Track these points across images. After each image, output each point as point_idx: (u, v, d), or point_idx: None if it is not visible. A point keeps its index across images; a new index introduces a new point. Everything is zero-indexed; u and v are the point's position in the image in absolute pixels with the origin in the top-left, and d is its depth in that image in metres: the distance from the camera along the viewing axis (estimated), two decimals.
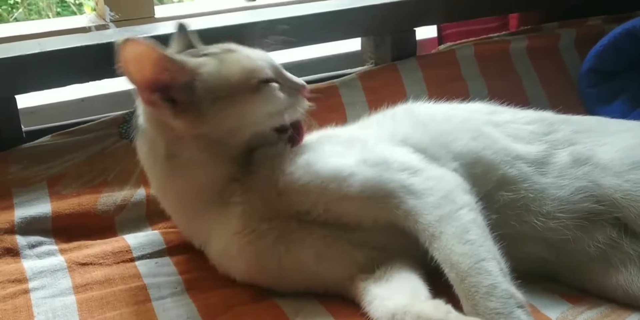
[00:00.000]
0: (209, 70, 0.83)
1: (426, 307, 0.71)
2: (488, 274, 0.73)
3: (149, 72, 0.79)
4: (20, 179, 1.02)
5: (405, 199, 0.80)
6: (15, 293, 0.85)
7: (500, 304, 0.71)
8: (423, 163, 0.86)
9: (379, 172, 0.82)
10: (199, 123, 0.82)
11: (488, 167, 0.90)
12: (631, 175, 0.86)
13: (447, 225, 0.77)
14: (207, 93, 0.81)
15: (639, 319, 0.81)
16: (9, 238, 0.94)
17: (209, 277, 0.91)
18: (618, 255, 0.85)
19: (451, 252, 0.75)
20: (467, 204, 0.80)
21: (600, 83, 1.43)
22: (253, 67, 0.85)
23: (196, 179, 0.86)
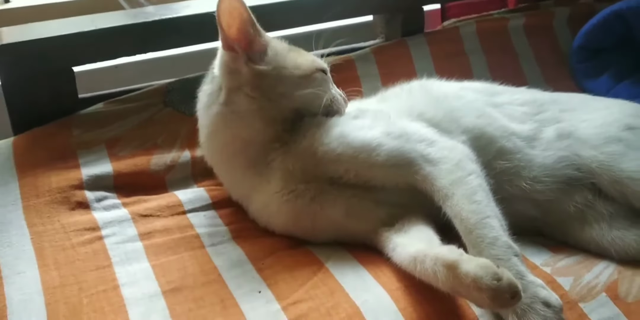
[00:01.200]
0: (282, 47, 1.02)
1: (442, 250, 0.82)
2: (492, 228, 0.86)
3: (237, 26, 0.95)
4: (82, 142, 1.16)
5: (423, 166, 0.94)
6: (92, 239, 1.00)
7: (502, 252, 0.83)
8: (437, 135, 1.00)
9: (401, 143, 0.96)
10: (263, 76, 0.98)
11: (490, 140, 1.04)
12: (605, 148, 1.01)
13: (458, 188, 0.90)
14: (275, 61, 0.99)
15: (607, 266, 0.96)
16: (79, 193, 1.08)
17: (250, 228, 1.05)
18: (593, 214, 1.00)
19: (461, 209, 0.88)
20: (475, 171, 0.94)
21: (589, 59, 1.57)
22: (315, 58, 1.05)
23: (243, 131, 1.00)
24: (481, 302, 0.77)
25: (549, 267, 0.95)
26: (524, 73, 1.54)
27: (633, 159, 1.00)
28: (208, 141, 1.05)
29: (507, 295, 0.73)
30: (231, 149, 1.02)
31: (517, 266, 0.83)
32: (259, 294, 0.90)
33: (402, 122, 1.02)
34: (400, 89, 1.16)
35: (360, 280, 0.91)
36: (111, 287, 0.91)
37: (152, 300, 0.89)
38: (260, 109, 0.99)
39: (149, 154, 1.19)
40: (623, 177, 0.98)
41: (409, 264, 0.86)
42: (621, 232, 0.98)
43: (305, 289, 0.90)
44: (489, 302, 0.75)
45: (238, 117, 0.99)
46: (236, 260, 0.98)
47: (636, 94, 1.47)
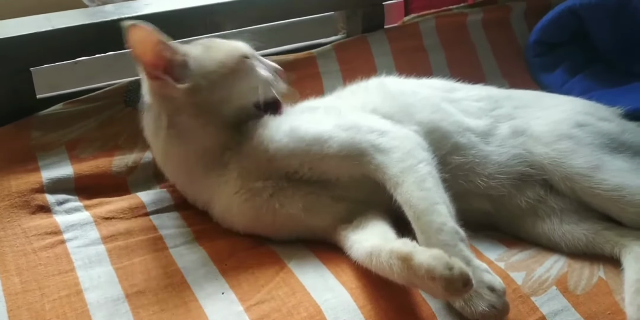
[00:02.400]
0: (199, 52, 1.02)
1: (396, 244, 0.84)
2: (439, 214, 0.88)
3: (151, 52, 0.96)
4: (41, 144, 1.16)
5: (375, 156, 0.95)
6: (54, 243, 1.00)
7: (449, 237, 0.86)
8: (389, 125, 1.02)
9: (352, 134, 0.97)
10: (194, 92, 0.99)
11: (444, 135, 1.06)
12: (556, 145, 1.04)
13: (408, 175, 0.92)
14: (199, 69, 0.99)
15: (557, 259, 0.99)
16: (40, 196, 1.08)
17: (213, 229, 1.06)
18: (544, 209, 1.04)
19: (411, 196, 0.90)
20: (425, 159, 0.95)
21: (544, 53, 1.61)
22: (234, 46, 1.05)
23: (193, 145, 1.02)
24: (435, 291, 0.80)
25: (503, 262, 0.98)
26: (482, 68, 1.58)
27: (582, 155, 1.03)
28: (165, 162, 1.08)
29: (460, 283, 0.76)
30: (187, 165, 1.04)
31: (463, 251, 0.86)
32: (222, 295, 0.91)
33: (353, 115, 1.04)
34: (357, 86, 1.18)
35: (321, 280, 0.93)
36: (74, 291, 0.92)
37: (116, 304, 0.90)
38: (206, 123, 1.02)
39: (111, 155, 1.19)
40: (573, 174, 1.02)
41: (365, 259, 0.88)
42: (571, 226, 1.02)
43: (267, 290, 0.91)
44: (442, 292, 0.77)
45: (187, 135, 1.02)
46: (199, 262, 0.99)
47: (589, 88, 1.52)
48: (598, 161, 1.02)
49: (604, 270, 0.98)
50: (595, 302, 0.92)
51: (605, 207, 1.01)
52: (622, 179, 0.99)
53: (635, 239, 0.98)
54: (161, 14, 1.26)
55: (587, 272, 0.97)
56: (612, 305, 0.92)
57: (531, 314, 0.90)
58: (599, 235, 1.00)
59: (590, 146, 1.05)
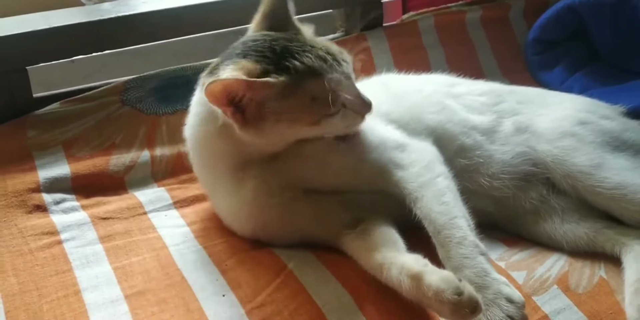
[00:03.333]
0: (280, 96, 0.86)
1: (408, 260, 0.84)
2: (459, 228, 0.88)
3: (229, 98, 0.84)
4: (38, 144, 1.15)
5: (394, 172, 0.95)
6: (51, 243, 1.00)
7: (469, 251, 0.86)
8: (407, 139, 1.01)
9: (380, 153, 0.97)
10: (258, 137, 0.89)
11: (450, 137, 1.05)
12: (559, 143, 1.04)
13: (428, 190, 0.92)
14: (273, 115, 0.86)
15: (558, 258, 0.99)
16: (37, 196, 1.08)
17: (212, 227, 1.05)
18: (546, 209, 1.04)
19: (430, 211, 0.90)
20: (443, 173, 0.96)
21: (543, 51, 1.61)
22: (323, 102, 0.87)
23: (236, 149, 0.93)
24: (442, 313, 0.80)
25: (504, 262, 0.98)
26: (481, 66, 1.57)
27: (584, 153, 1.02)
28: (195, 148, 1.01)
29: (467, 309, 0.76)
30: (221, 159, 0.97)
31: (482, 264, 0.85)
32: (223, 298, 0.90)
33: (379, 128, 1.02)
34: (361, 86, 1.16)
35: (322, 281, 0.92)
36: (72, 292, 0.91)
37: (114, 304, 0.89)
38: (260, 143, 0.93)
39: (108, 155, 1.18)
40: (575, 171, 1.01)
41: (376, 270, 0.88)
42: (572, 225, 1.02)
43: (268, 292, 0.90)
44: (449, 315, 0.78)
45: (234, 140, 0.92)
46: (199, 262, 0.98)
47: (588, 86, 1.52)
48: (600, 159, 1.02)
49: (605, 269, 0.97)
50: (597, 301, 0.92)
51: (606, 206, 1.00)
52: (623, 178, 0.99)
53: (636, 238, 0.97)
54: (158, 12, 1.25)
55: (588, 271, 0.97)
56: (614, 304, 0.91)
57: (533, 313, 0.89)
58: (599, 234, 1.00)
59: (592, 144, 1.05)
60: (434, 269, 0.82)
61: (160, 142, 1.23)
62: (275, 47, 0.88)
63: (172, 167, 1.21)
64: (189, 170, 1.09)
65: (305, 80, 0.87)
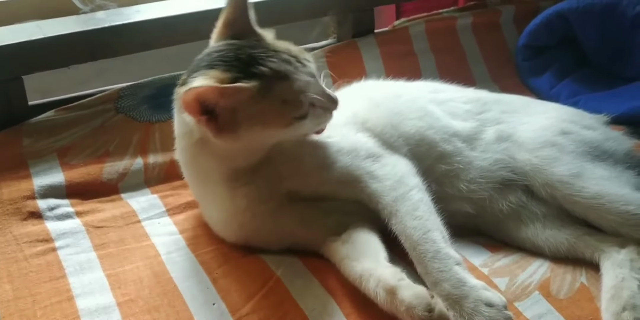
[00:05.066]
0: (252, 101, 0.87)
1: (386, 273, 0.86)
2: (433, 242, 0.90)
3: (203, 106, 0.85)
4: (33, 151, 1.17)
5: (369, 183, 0.97)
6: (45, 251, 1.02)
7: (443, 264, 0.87)
8: (381, 149, 1.03)
9: (351, 160, 0.99)
10: (233, 142, 0.90)
11: (430, 144, 1.07)
12: (539, 152, 1.06)
13: (402, 204, 0.94)
14: (246, 120, 0.88)
15: (541, 264, 1.01)
16: (31, 203, 1.10)
17: (204, 235, 1.07)
18: (527, 215, 1.06)
19: (405, 226, 0.92)
20: (416, 186, 0.98)
21: (533, 57, 1.63)
22: (293, 104, 0.90)
23: (218, 161, 0.96)
24: None
25: (487, 268, 1.00)
26: (471, 72, 1.59)
27: (565, 163, 1.04)
28: (184, 162, 1.03)
29: None
30: (208, 171, 0.99)
31: (458, 274, 0.87)
32: (213, 306, 0.93)
33: (351, 136, 1.04)
34: (342, 92, 1.18)
35: (308, 289, 0.94)
36: (65, 298, 0.94)
37: (107, 311, 0.92)
38: (238, 153, 0.96)
39: (102, 162, 1.20)
40: (554, 181, 1.03)
41: (355, 280, 0.91)
42: (554, 231, 1.04)
43: (256, 300, 0.93)
44: None
45: (215, 153, 0.95)
46: (191, 270, 1.00)
47: (576, 92, 1.54)
48: (579, 169, 1.04)
49: (586, 276, 0.99)
50: (578, 307, 0.94)
51: (585, 215, 1.02)
52: (601, 187, 1.01)
53: (614, 245, 0.99)
54: (152, 21, 1.27)
55: (570, 277, 0.99)
56: (595, 310, 0.93)
57: (516, 319, 0.90)
58: (580, 240, 1.02)
59: (573, 154, 1.07)
60: (409, 284, 0.85)
61: (154, 150, 1.25)
62: (241, 55, 0.91)
63: (164, 174, 1.23)
64: (181, 176, 1.10)
65: (274, 84, 0.89)
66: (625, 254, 0.98)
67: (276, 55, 0.91)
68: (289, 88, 0.90)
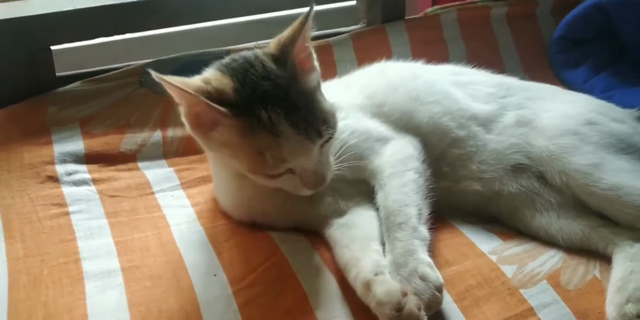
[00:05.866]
0: (234, 130, 0.84)
1: (366, 265, 0.87)
2: (406, 215, 0.92)
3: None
4: (56, 120, 1.21)
5: (372, 160, 1.00)
6: (59, 214, 1.05)
7: (405, 234, 0.90)
8: (393, 133, 1.04)
9: (361, 141, 1.01)
10: (202, 145, 0.93)
11: (444, 131, 1.07)
12: (559, 140, 1.03)
13: (394, 180, 0.97)
14: (220, 136, 0.86)
15: (553, 255, 0.98)
16: (50, 168, 1.13)
17: (216, 209, 1.08)
18: (542, 202, 1.03)
19: (386, 198, 0.95)
20: (415, 168, 0.99)
21: (568, 50, 1.58)
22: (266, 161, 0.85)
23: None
24: None
25: (496, 256, 0.98)
26: (502, 62, 1.56)
27: (585, 153, 1.01)
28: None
29: None
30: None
31: (412, 245, 0.89)
32: (214, 277, 0.93)
33: (364, 120, 1.05)
34: (361, 73, 1.18)
35: (311, 267, 0.94)
36: (72, 260, 0.96)
37: (110, 275, 0.93)
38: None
39: (122, 133, 1.23)
40: (571, 169, 1.00)
41: (341, 268, 0.92)
42: (568, 221, 1.01)
43: (257, 274, 0.93)
44: None
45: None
46: (197, 242, 1.01)
47: (611, 86, 1.49)
48: (599, 159, 1.00)
49: (600, 269, 0.96)
50: (586, 299, 0.91)
51: (600, 206, 0.99)
52: (620, 179, 0.97)
53: (628, 239, 0.96)
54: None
55: (582, 269, 0.96)
56: (603, 304, 0.90)
57: (519, 305, 0.89)
58: (594, 232, 0.99)
59: (595, 144, 1.03)
60: (384, 280, 0.84)
61: (173, 124, 1.26)
62: (257, 87, 0.85)
63: (183, 148, 1.25)
64: (199, 151, 1.12)
65: (262, 132, 0.84)
66: (638, 248, 0.94)
67: (288, 108, 0.85)
68: (271, 146, 0.84)
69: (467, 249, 0.99)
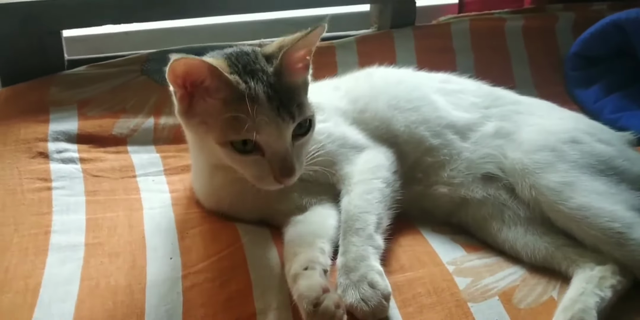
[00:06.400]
0: (222, 99, 0.88)
1: (300, 259, 0.88)
2: (364, 222, 0.93)
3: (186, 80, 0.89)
4: (56, 100, 1.27)
5: (343, 166, 1.02)
6: (41, 188, 1.10)
7: (360, 240, 0.90)
8: (368, 141, 1.06)
9: (337, 147, 1.02)
10: (185, 127, 0.97)
11: (419, 140, 1.07)
12: (534, 155, 1.01)
13: (360, 187, 0.98)
14: (203, 113, 0.90)
15: (513, 273, 0.96)
16: (43, 144, 1.19)
17: (190, 198, 1.11)
18: (510, 215, 1.02)
19: (350, 203, 0.96)
20: (384, 178, 1.00)
21: (582, 67, 1.55)
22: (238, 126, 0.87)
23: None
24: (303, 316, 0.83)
25: (454, 266, 0.97)
26: (513, 76, 1.54)
27: (558, 170, 0.99)
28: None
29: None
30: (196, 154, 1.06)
31: (365, 252, 0.89)
32: (170, 261, 0.96)
33: (344, 125, 1.07)
34: (350, 76, 1.19)
35: (264, 259, 0.95)
36: (43, 232, 1.01)
37: (74, 249, 0.98)
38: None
39: (116, 117, 1.27)
40: (542, 185, 0.98)
41: (284, 261, 0.93)
42: (534, 237, 0.99)
43: (210, 261, 0.95)
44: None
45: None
46: (165, 227, 1.04)
47: (621, 108, 1.45)
48: (573, 178, 0.98)
49: (559, 290, 0.94)
50: (534, 319, 0.89)
51: (566, 225, 0.97)
52: (590, 200, 0.95)
53: (591, 261, 0.94)
54: None
55: (540, 289, 0.94)
56: None
57: (462, 318, 0.88)
58: (559, 251, 0.97)
59: (572, 163, 1.01)
60: (310, 274, 0.85)
61: (167, 113, 1.30)
62: (246, 66, 0.91)
63: (173, 135, 1.29)
64: None
65: (243, 99, 0.87)
66: (598, 271, 0.93)
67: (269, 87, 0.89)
68: (249, 114, 0.86)
69: (426, 256, 0.98)
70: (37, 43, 1.28)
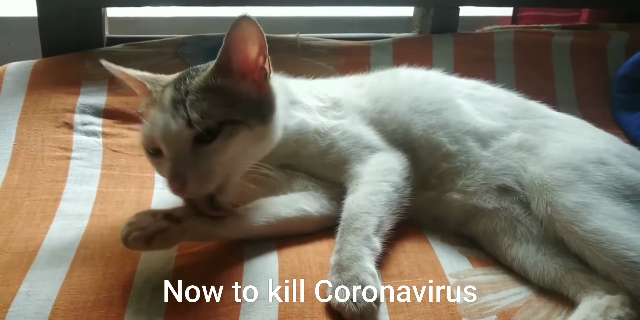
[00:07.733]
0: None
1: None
2: (364, 222, 0.90)
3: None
4: (90, 74, 1.30)
5: (354, 166, 1.00)
6: (61, 157, 1.13)
7: (356, 240, 0.88)
8: (383, 143, 1.03)
9: (350, 145, 1.01)
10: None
11: (436, 146, 1.04)
12: (555, 172, 0.96)
13: (366, 187, 0.96)
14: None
15: (517, 293, 0.92)
16: (69, 115, 1.22)
17: None
18: (522, 231, 0.97)
19: (353, 202, 0.94)
20: (393, 182, 0.97)
21: (630, 90, 1.48)
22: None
23: None
24: None
25: (455, 279, 0.93)
26: (555, 93, 1.49)
27: (578, 190, 0.94)
28: None
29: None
30: None
31: (360, 252, 0.87)
32: None
33: (360, 125, 1.05)
34: (375, 75, 1.17)
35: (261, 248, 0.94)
36: (53, 198, 1.03)
37: (78, 218, 1.00)
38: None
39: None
40: (559, 203, 0.93)
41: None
42: (545, 257, 0.95)
43: (207, 245, 0.95)
44: None
45: None
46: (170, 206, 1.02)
47: None
48: (593, 200, 0.93)
49: (564, 316, 0.89)
50: None
51: (579, 248, 0.91)
52: (607, 224, 0.90)
53: (600, 289, 0.89)
54: None
55: (544, 313, 0.89)
56: None
57: None
58: (569, 274, 0.92)
59: (595, 185, 0.96)
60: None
61: None
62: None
63: None
64: None
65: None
66: (606, 300, 0.87)
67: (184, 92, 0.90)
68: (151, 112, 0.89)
69: (428, 266, 0.95)
70: (78, 19, 1.32)
